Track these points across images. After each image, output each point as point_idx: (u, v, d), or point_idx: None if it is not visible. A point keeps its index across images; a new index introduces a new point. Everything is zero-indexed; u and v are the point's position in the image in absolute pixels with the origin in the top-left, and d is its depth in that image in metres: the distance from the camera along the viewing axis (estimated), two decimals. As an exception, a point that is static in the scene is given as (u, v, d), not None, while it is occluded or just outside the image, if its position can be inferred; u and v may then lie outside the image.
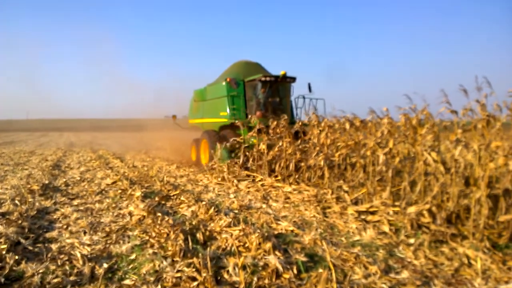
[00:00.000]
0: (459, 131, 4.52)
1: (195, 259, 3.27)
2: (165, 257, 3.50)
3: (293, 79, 10.56)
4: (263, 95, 10.25)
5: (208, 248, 3.76)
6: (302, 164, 7.81)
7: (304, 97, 10.71)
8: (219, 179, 8.37)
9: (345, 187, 6.26)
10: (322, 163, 7.05)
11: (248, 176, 8.33)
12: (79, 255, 3.60)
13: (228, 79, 10.69)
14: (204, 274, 3.02)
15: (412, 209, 4.50)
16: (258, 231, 4.05)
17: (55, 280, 3.09)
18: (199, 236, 4.13)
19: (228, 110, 10.61)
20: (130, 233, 4.45)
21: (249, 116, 10.17)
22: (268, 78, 9.95)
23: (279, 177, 7.87)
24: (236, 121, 9.95)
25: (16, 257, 3.50)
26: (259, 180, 7.93)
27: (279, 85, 10.51)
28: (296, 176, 7.76)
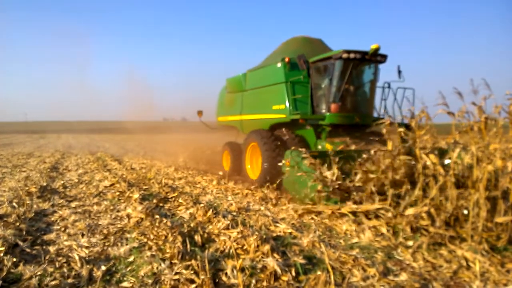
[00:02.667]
0: (456, 133, 4.53)
1: (193, 262, 3.26)
2: (163, 260, 3.49)
3: (384, 58, 7.72)
4: (342, 80, 7.49)
5: (206, 251, 3.75)
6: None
7: (389, 86, 8.19)
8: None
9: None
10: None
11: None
12: (77, 257, 3.59)
13: (287, 59, 8.10)
14: (202, 277, 3.01)
15: (410, 211, 4.50)
16: (257, 233, 4.05)
17: (53, 283, 3.08)
18: (197, 238, 4.13)
19: (287, 102, 8.00)
20: (128, 235, 4.44)
21: (322, 110, 7.77)
22: (352, 55, 7.29)
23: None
24: (301, 118, 7.55)
25: (14, 259, 3.49)
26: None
27: (364, 66, 7.83)
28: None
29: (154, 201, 6.22)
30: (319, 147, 7.67)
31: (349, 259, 3.58)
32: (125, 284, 3.12)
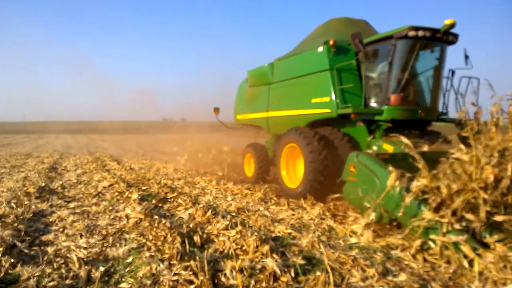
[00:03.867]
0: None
1: (192, 262, 3.25)
2: (162, 260, 3.48)
3: (456, 38, 6.33)
4: (405, 66, 6.25)
5: (205, 251, 3.74)
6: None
7: (453, 74, 6.80)
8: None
9: None
10: None
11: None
12: (75, 258, 3.57)
13: (331, 41, 6.76)
14: (201, 278, 3.00)
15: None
16: (256, 233, 4.04)
17: (51, 284, 3.07)
18: (196, 239, 4.12)
19: (332, 93, 6.67)
20: (127, 236, 4.43)
21: (376, 103, 6.52)
22: (421, 33, 5.93)
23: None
24: (353, 112, 6.27)
25: (12, 260, 3.47)
26: None
27: (431, 48, 6.50)
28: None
29: (153, 201, 6.21)
30: (374, 147, 6.30)
31: (348, 259, 3.57)
32: (123, 285, 3.11)
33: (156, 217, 4.95)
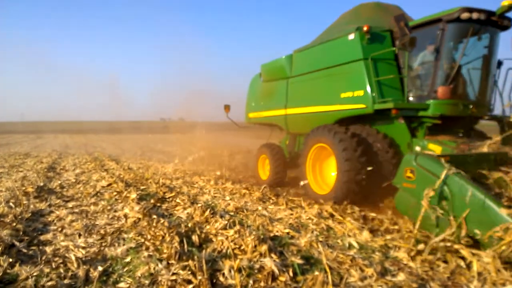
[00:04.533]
0: None
1: (190, 262, 3.25)
2: (160, 260, 3.48)
3: (510, 22, 5.65)
4: (455, 53, 5.65)
5: (204, 251, 3.74)
6: None
7: (501, 64, 6.09)
8: None
9: None
10: None
11: None
12: (73, 258, 3.57)
13: (365, 27, 5.99)
14: (199, 277, 2.99)
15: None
16: (254, 233, 4.04)
17: (49, 283, 3.06)
18: (194, 238, 4.11)
19: (368, 86, 5.94)
20: (125, 235, 4.43)
21: (416, 97, 5.86)
22: (475, 15, 5.24)
23: None
24: (394, 107, 5.55)
25: (10, 260, 3.47)
26: None
27: (482, 34, 5.69)
28: None
29: (152, 201, 6.20)
30: (417, 148, 5.57)
31: (346, 259, 3.57)
32: (122, 284, 3.11)
33: (154, 216, 4.94)
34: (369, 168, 5.59)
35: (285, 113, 8.13)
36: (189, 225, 4.68)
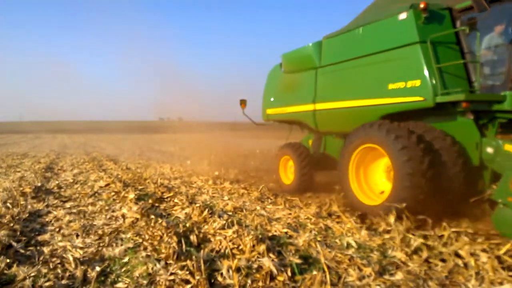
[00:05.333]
0: None
1: (188, 262, 3.24)
2: (159, 260, 3.47)
3: None
4: None
5: (202, 251, 3.73)
6: None
7: None
8: None
9: None
10: None
11: None
12: (71, 258, 3.55)
13: (422, 4, 5.08)
14: (197, 277, 2.99)
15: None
16: (252, 233, 4.04)
17: (47, 284, 3.05)
18: (192, 238, 4.11)
19: (427, 74, 4.97)
20: (123, 235, 4.42)
21: (478, 86, 4.93)
22: None
23: None
24: (465, 99, 4.66)
25: (8, 260, 3.45)
26: None
27: None
28: None
29: (150, 201, 6.19)
30: (488, 150, 4.69)
31: (345, 258, 3.57)
32: (120, 285, 3.10)
33: (152, 216, 4.94)
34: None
35: (314, 109, 7.00)
36: (187, 225, 4.67)
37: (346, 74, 6.38)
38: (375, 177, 5.63)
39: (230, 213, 5.47)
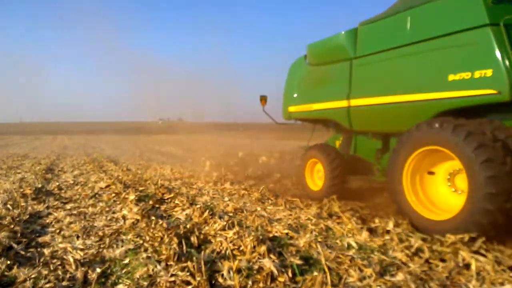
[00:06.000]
0: None
1: (189, 263, 3.24)
2: (159, 261, 3.47)
3: None
4: None
5: (203, 252, 3.73)
6: None
7: None
8: None
9: None
10: None
11: None
12: (71, 259, 3.55)
13: None
14: (198, 278, 2.99)
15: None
16: (253, 234, 4.03)
17: (48, 285, 3.05)
18: (193, 239, 4.10)
19: (501, 62, 4.20)
20: (123, 237, 4.41)
21: None
22: None
23: None
24: None
25: (8, 262, 3.45)
26: None
27: None
28: None
29: (150, 202, 6.19)
30: None
31: (345, 259, 3.57)
32: (120, 286, 3.10)
33: (153, 218, 4.93)
34: None
35: (348, 105, 6.15)
36: (188, 226, 4.67)
37: (390, 64, 5.50)
38: (435, 186, 4.79)
39: (231, 214, 5.46)
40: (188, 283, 2.99)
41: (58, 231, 4.69)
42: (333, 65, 6.64)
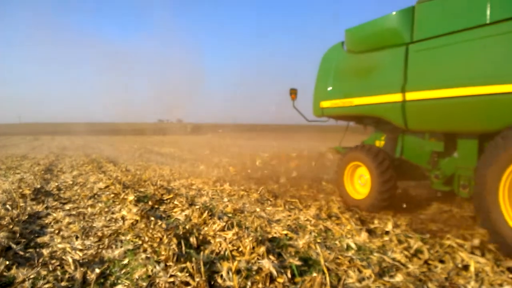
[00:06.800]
0: None
1: (188, 264, 3.24)
2: (158, 262, 3.47)
3: None
4: None
5: (202, 253, 3.74)
6: None
7: None
8: None
9: None
10: None
11: None
12: (70, 260, 3.55)
13: None
14: (197, 279, 2.99)
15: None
16: (252, 235, 4.04)
17: (46, 286, 3.05)
18: (192, 240, 4.10)
19: None
20: (122, 237, 4.41)
21: None
22: None
23: None
24: None
25: (7, 262, 3.45)
26: None
27: None
28: None
29: (150, 203, 6.19)
30: None
31: (345, 260, 3.57)
32: (119, 287, 3.10)
33: (152, 218, 4.94)
34: None
35: (403, 99, 5.15)
36: (187, 227, 4.67)
37: (465, 49, 4.48)
38: None
39: (230, 215, 5.46)
40: (187, 284, 2.99)
41: (57, 231, 4.69)
42: (382, 52, 5.63)
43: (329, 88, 6.69)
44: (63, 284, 3.11)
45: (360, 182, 6.07)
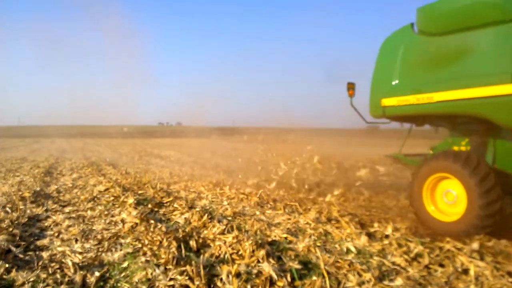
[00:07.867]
0: None
1: (188, 267, 3.24)
2: (158, 265, 3.47)
3: None
4: None
5: (201, 256, 3.72)
6: None
7: None
8: None
9: None
10: None
11: None
12: (70, 263, 3.55)
13: None
14: (197, 282, 2.99)
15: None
16: (252, 238, 4.03)
17: (46, 289, 3.05)
18: (192, 243, 4.10)
19: None
20: (122, 240, 4.41)
21: None
22: None
23: None
24: None
25: (7, 265, 3.45)
26: None
27: None
28: None
29: (149, 206, 6.18)
30: None
31: (344, 264, 3.57)
32: (119, 290, 3.10)
33: (152, 221, 4.93)
34: None
35: (511, 92, 3.95)
36: (187, 230, 4.67)
37: None
38: None
39: (230, 218, 5.46)
40: (187, 287, 2.99)
41: (56, 234, 4.69)
42: (479, 32, 4.43)
43: (394, 82, 5.42)
44: (62, 287, 3.11)
45: (446, 200, 4.73)
